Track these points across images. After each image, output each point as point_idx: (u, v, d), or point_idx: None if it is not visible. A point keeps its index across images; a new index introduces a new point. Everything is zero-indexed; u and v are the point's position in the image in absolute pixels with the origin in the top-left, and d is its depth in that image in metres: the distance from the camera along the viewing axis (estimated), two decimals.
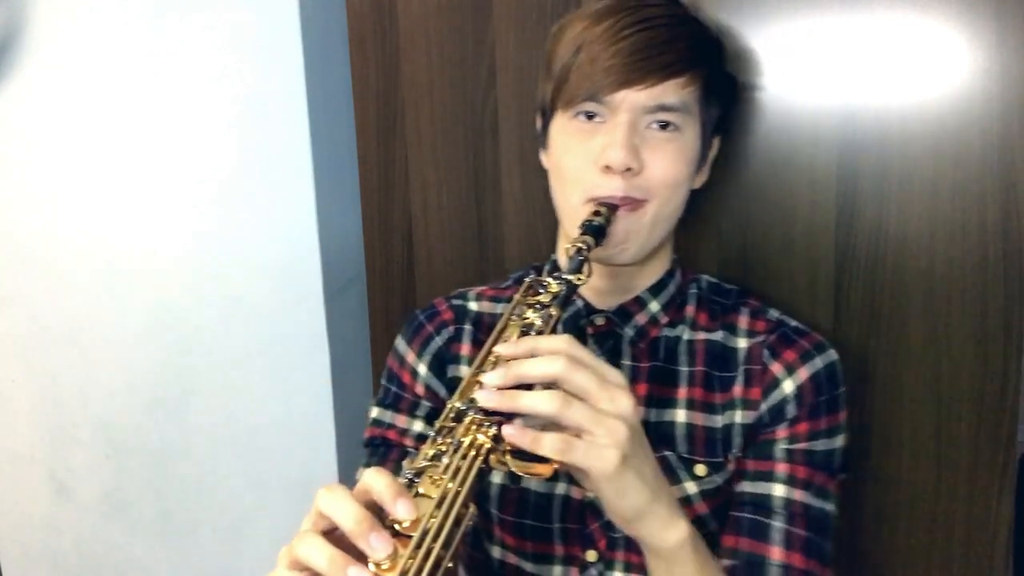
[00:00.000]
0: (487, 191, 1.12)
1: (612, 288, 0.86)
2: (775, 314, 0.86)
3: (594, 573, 0.82)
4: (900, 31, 0.89)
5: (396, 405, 0.89)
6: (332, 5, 1.19)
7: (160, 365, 1.34)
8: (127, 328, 1.35)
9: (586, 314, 0.86)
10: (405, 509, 0.52)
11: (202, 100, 1.23)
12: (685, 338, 0.85)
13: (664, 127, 0.78)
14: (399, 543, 0.51)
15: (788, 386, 0.80)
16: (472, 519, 0.56)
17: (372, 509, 0.53)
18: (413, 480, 0.57)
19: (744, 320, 0.86)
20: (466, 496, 0.55)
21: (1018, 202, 0.87)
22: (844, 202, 0.94)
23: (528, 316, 0.68)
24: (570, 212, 0.81)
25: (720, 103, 0.85)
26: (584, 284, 0.72)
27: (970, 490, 0.93)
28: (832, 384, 0.81)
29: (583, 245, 0.73)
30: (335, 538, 0.53)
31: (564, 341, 0.61)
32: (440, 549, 0.52)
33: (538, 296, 0.70)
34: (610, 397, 0.59)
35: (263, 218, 1.23)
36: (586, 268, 0.72)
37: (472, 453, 0.57)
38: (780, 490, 0.77)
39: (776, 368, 0.81)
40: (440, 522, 0.53)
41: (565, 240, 0.86)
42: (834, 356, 0.83)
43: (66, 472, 1.46)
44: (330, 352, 1.23)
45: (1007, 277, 0.89)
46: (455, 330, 0.90)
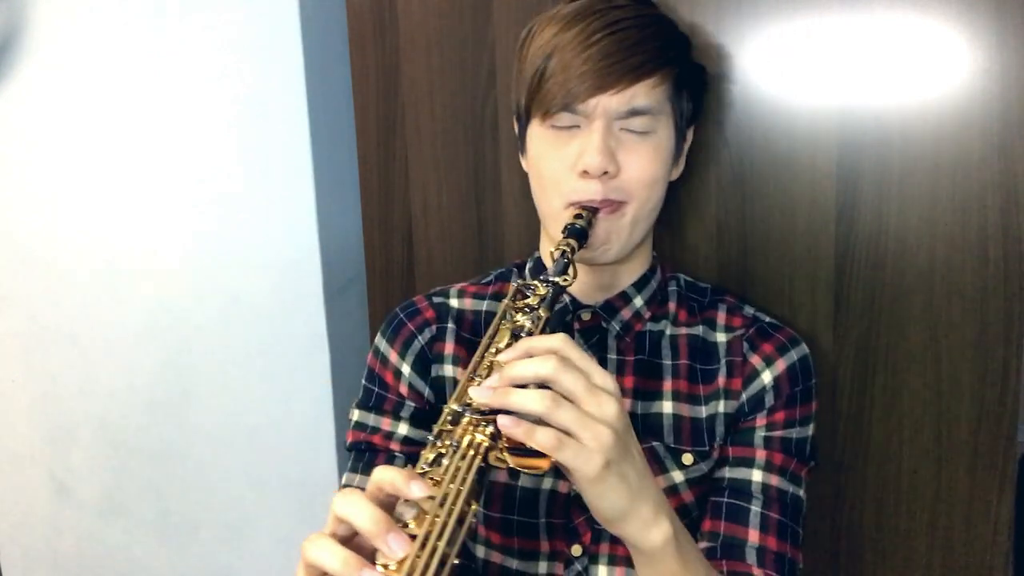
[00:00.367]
0: (487, 191, 1.12)
1: (597, 284, 0.88)
2: (750, 310, 0.90)
3: (578, 568, 0.83)
4: (900, 31, 0.89)
5: (380, 407, 0.89)
6: (332, 5, 1.19)
7: (160, 365, 1.34)
8: (127, 328, 1.35)
9: (572, 309, 0.88)
10: (419, 488, 0.54)
11: (202, 100, 1.23)
12: (668, 332, 0.88)
13: (637, 130, 0.80)
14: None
15: (767, 377, 0.84)
16: (476, 516, 0.57)
17: (387, 509, 0.55)
18: None
19: (722, 316, 0.89)
20: (468, 494, 0.56)
21: (1018, 202, 0.87)
22: (844, 202, 0.94)
23: (518, 319, 0.70)
24: (552, 216, 0.83)
25: (691, 95, 0.87)
26: (570, 285, 0.74)
27: (970, 490, 0.93)
28: (806, 376, 0.85)
29: (567, 248, 0.75)
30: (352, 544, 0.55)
31: (559, 340, 0.62)
32: (445, 547, 0.53)
33: (526, 299, 0.72)
34: (597, 402, 0.60)
35: (263, 218, 1.23)
36: (571, 270, 0.74)
37: (471, 452, 0.58)
38: (758, 475, 0.81)
39: (755, 360, 0.85)
40: (444, 521, 0.54)
41: (548, 240, 0.89)
42: (806, 350, 0.87)
43: (66, 472, 1.46)
44: (330, 352, 1.23)
45: (1007, 277, 0.89)
46: (437, 329, 0.90)
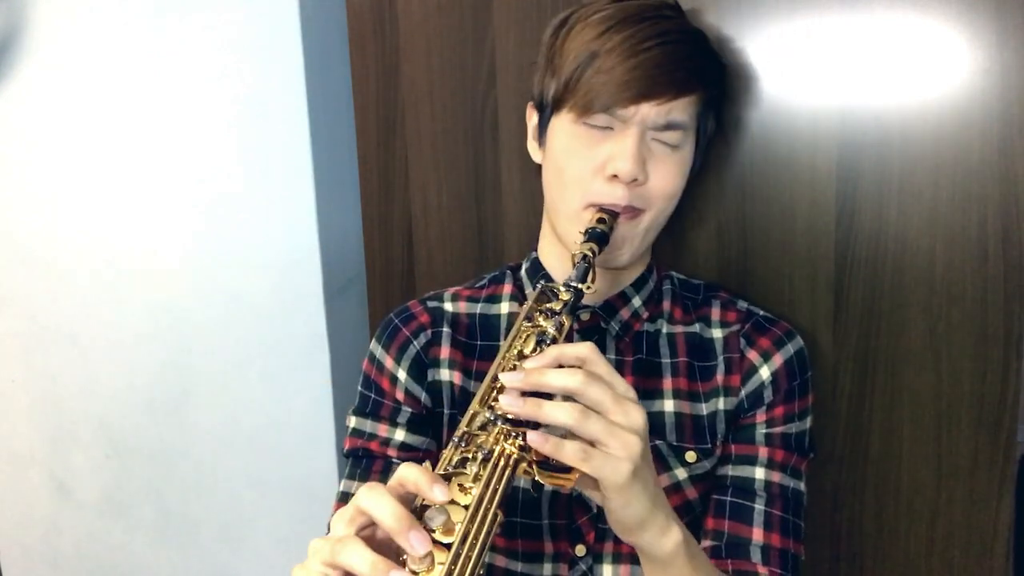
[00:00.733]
0: (487, 191, 1.12)
1: (598, 284, 0.87)
2: (743, 305, 0.91)
3: (583, 567, 0.83)
4: (900, 31, 0.89)
5: (376, 413, 0.88)
6: (332, 5, 1.19)
7: (160, 365, 1.34)
8: (127, 328, 1.35)
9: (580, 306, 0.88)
10: (441, 492, 0.55)
11: (202, 100, 1.23)
12: (665, 331, 0.88)
13: (669, 143, 0.80)
14: (436, 551, 0.54)
15: (765, 372, 0.84)
16: (500, 525, 0.58)
17: (408, 506, 0.56)
18: None
19: (716, 312, 0.90)
20: (498, 503, 0.58)
21: (1018, 202, 0.87)
22: (844, 202, 0.94)
23: (540, 322, 0.70)
24: (568, 214, 0.82)
25: (716, 117, 0.89)
26: (593, 291, 0.74)
27: (970, 490, 0.93)
28: (802, 369, 0.86)
29: (589, 252, 0.75)
30: (374, 542, 0.56)
31: (586, 348, 0.63)
32: (476, 556, 0.54)
33: (549, 303, 0.72)
34: (624, 411, 0.61)
35: (263, 218, 1.23)
36: (590, 275, 0.74)
37: (502, 463, 0.60)
38: (760, 473, 0.82)
39: (752, 355, 0.85)
40: (477, 529, 0.55)
41: (551, 237, 0.88)
42: (802, 343, 0.88)
43: (66, 472, 1.46)
44: (330, 352, 1.23)
45: (1007, 277, 0.89)
46: (433, 333, 0.90)
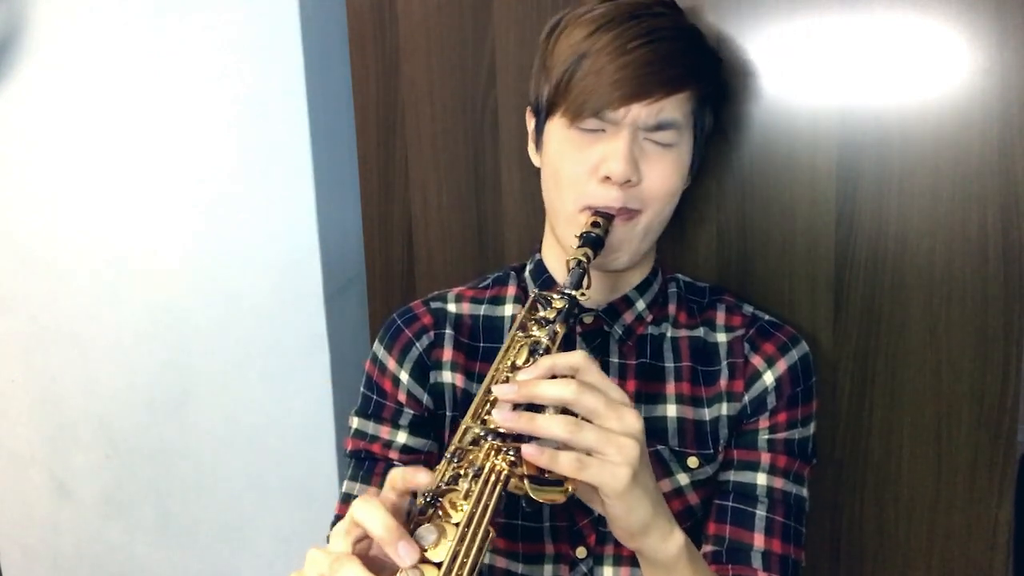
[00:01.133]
0: (487, 191, 1.12)
1: (600, 287, 0.87)
2: (749, 309, 0.90)
3: (584, 569, 0.83)
4: (900, 31, 0.89)
5: (379, 414, 0.88)
6: (332, 5, 1.19)
7: (160, 365, 1.34)
8: (127, 328, 1.36)
9: (575, 313, 0.87)
10: (407, 552, 0.54)
11: (202, 100, 1.23)
12: (669, 335, 0.88)
13: (661, 142, 0.79)
14: (427, 568, 0.54)
15: (768, 378, 0.83)
16: (492, 542, 0.58)
17: (400, 517, 0.58)
18: (434, 503, 0.59)
19: (721, 316, 0.89)
20: (489, 520, 0.57)
21: (1018, 202, 0.87)
22: (844, 202, 0.94)
23: (534, 332, 0.69)
24: (564, 217, 0.82)
25: (714, 112, 0.87)
26: (587, 298, 0.73)
27: (970, 490, 0.93)
28: (806, 375, 0.85)
29: (583, 258, 0.74)
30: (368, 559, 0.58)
31: (579, 357, 0.63)
32: (467, 574, 0.54)
33: (542, 312, 0.71)
34: (618, 416, 0.61)
35: (263, 218, 1.23)
36: (585, 280, 0.74)
37: (492, 479, 0.59)
38: (762, 479, 0.81)
39: (756, 360, 0.84)
40: (467, 547, 0.55)
41: (553, 239, 0.88)
42: (806, 348, 0.87)
43: (66, 472, 1.46)
44: (330, 352, 1.23)
45: (1007, 277, 0.89)
46: (435, 335, 0.89)
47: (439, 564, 0.54)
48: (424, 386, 0.88)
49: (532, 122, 0.88)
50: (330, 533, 0.60)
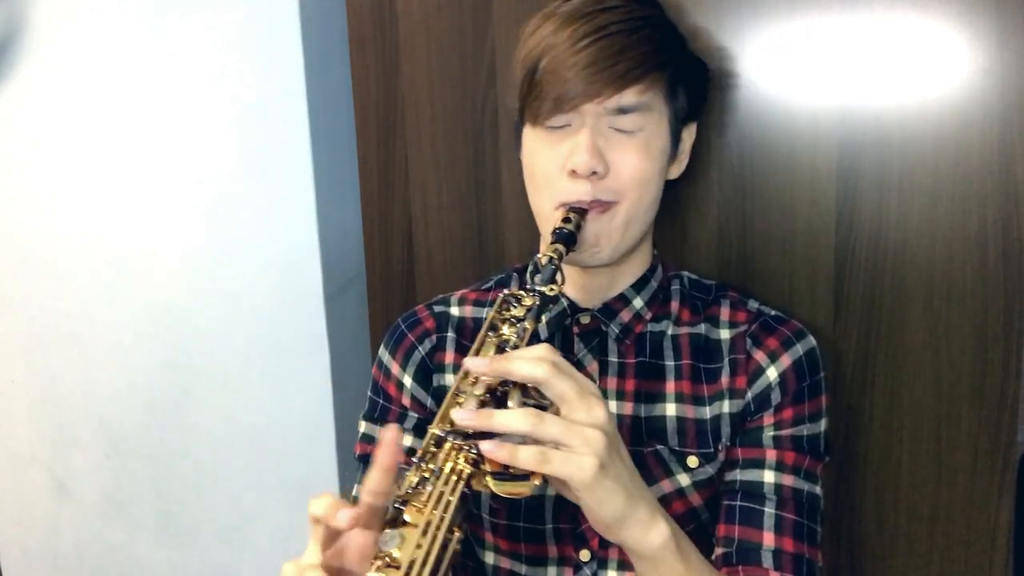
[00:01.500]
0: (487, 191, 1.12)
1: (595, 286, 0.87)
2: (754, 304, 0.88)
3: (588, 572, 0.82)
4: (900, 31, 0.89)
5: (384, 418, 0.89)
6: (332, 5, 1.19)
7: (160, 365, 1.34)
8: (127, 328, 1.35)
9: (571, 313, 0.87)
10: (344, 516, 0.56)
11: (202, 100, 1.23)
12: (669, 333, 0.87)
13: (626, 129, 0.79)
14: (389, 572, 0.53)
15: (771, 373, 0.82)
16: (459, 543, 0.57)
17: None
18: (400, 508, 0.58)
19: (725, 311, 0.87)
20: (451, 522, 0.56)
21: (1018, 202, 0.87)
22: (844, 202, 0.94)
23: (504, 332, 0.69)
24: (544, 216, 0.82)
25: (688, 92, 0.85)
26: (556, 293, 0.73)
27: (970, 490, 0.93)
28: (813, 370, 0.83)
29: (554, 254, 0.74)
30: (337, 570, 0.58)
31: (543, 349, 0.62)
32: (429, 574, 0.53)
33: (512, 311, 0.71)
34: (587, 407, 0.60)
35: (263, 218, 1.23)
36: (559, 276, 0.73)
37: (454, 479, 0.58)
38: (770, 476, 0.79)
39: (759, 356, 0.83)
40: (427, 550, 0.54)
41: (544, 241, 0.87)
42: (813, 342, 0.85)
43: (66, 472, 1.46)
44: (330, 352, 1.23)
45: (1007, 277, 0.89)
46: (438, 339, 0.90)
47: (400, 566, 0.53)
48: (427, 389, 0.88)
49: (516, 127, 0.89)
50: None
